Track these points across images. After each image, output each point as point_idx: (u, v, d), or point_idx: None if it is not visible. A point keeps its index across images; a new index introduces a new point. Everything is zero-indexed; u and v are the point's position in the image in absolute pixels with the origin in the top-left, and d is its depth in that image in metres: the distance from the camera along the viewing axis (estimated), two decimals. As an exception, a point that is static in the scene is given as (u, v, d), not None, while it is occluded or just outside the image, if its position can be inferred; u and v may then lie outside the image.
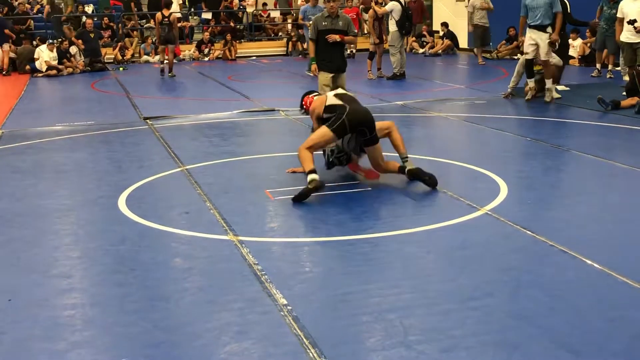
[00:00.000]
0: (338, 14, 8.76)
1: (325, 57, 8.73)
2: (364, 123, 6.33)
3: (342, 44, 8.80)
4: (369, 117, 6.38)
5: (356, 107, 6.39)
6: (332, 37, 8.59)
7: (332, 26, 8.64)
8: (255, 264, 4.63)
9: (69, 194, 6.65)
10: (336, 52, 8.76)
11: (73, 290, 4.38)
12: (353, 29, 8.88)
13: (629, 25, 10.79)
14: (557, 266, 4.51)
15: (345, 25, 8.72)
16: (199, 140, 9.06)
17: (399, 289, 4.21)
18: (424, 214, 5.80)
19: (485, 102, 11.52)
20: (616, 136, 8.80)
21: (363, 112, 6.40)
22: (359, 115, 6.32)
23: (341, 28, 8.68)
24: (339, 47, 8.79)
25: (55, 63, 17.55)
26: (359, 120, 6.30)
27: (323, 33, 8.64)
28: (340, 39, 8.65)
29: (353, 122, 6.25)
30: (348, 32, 8.75)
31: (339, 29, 8.66)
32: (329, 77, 8.72)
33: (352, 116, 6.24)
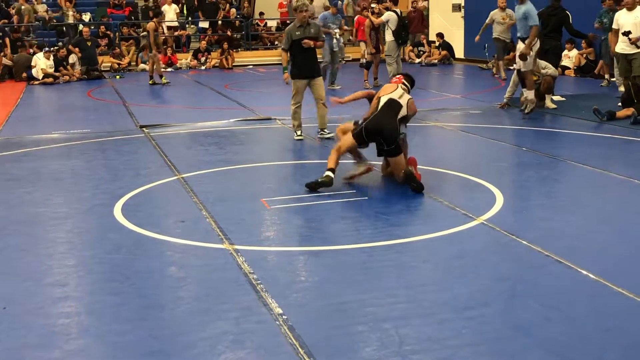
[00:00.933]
0: (309, 22, 9.29)
1: (300, 65, 9.20)
2: (378, 134, 6.62)
3: (314, 49, 9.26)
4: (384, 129, 6.63)
5: (378, 118, 6.73)
6: (307, 43, 9.07)
7: (305, 34, 9.14)
8: (250, 272, 4.63)
9: (64, 201, 6.64)
10: (310, 58, 9.25)
11: (68, 299, 4.36)
12: (322, 34, 9.70)
13: (623, 36, 10.83)
14: (553, 276, 4.51)
15: (316, 32, 9.30)
16: (195, 149, 9.06)
17: (394, 298, 4.21)
18: (420, 223, 5.81)
19: (481, 112, 11.54)
20: (612, 147, 8.82)
21: (380, 124, 6.67)
22: (375, 126, 6.65)
23: (313, 35, 9.20)
24: (312, 52, 9.28)
25: (51, 71, 17.55)
26: (374, 130, 6.63)
27: (297, 42, 9.13)
28: (314, 44, 9.16)
29: (369, 131, 6.67)
30: (318, 38, 9.35)
31: (311, 36, 9.17)
32: (304, 83, 9.22)
33: (370, 126, 6.66)
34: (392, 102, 6.83)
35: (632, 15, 10.84)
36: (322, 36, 9.57)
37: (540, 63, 11.66)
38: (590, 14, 14.81)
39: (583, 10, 15.98)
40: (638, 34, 10.73)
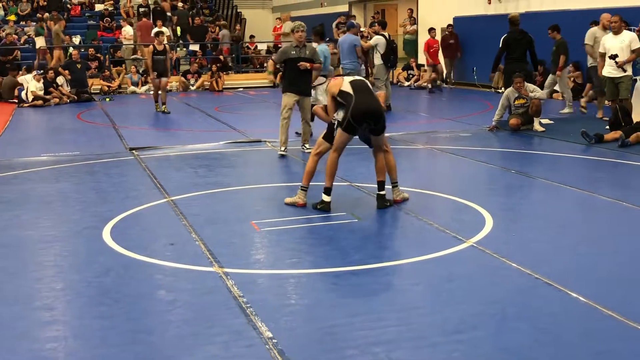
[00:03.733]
0: (305, 44, 9.62)
1: (293, 82, 9.63)
2: (367, 115, 6.56)
3: (309, 71, 9.62)
4: (372, 108, 6.60)
5: (361, 100, 6.55)
6: (304, 65, 9.45)
7: (300, 54, 9.53)
8: (240, 296, 4.60)
9: (53, 224, 6.60)
10: (303, 78, 9.66)
11: (56, 323, 4.33)
12: (318, 57, 9.84)
13: (610, 60, 10.94)
14: (543, 299, 4.51)
15: (311, 54, 9.66)
16: (185, 171, 9.04)
17: (385, 321, 4.20)
18: (410, 246, 5.80)
19: (470, 134, 11.60)
20: (600, 169, 8.87)
21: (366, 104, 6.58)
22: (362, 108, 6.53)
23: (308, 56, 9.57)
24: (307, 73, 9.65)
25: (41, 93, 17.54)
26: (362, 113, 6.53)
27: (292, 61, 9.52)
28: (310, 66, 9.51)
29: (357, 117, 6.51)
30: (314, 60, 9.64)
31: (306, 58, 9.53)
32: (294, 99, 9.62)
33: (355, 111, 6.50)
34: (358, 83, 6.74)
35: (618, 39, 10.96)
36: (318, 59, 9.80)
37: (529, 86, 11.77)
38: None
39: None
40: (624, 57, 10.85)
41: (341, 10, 26.24)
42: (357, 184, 7.83)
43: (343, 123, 6.60)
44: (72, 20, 24.89)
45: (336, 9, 26.48)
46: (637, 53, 11.08)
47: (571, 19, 16.41)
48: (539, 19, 17.46)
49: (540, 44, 17.12)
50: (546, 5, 17.45)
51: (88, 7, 25.94)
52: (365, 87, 6.74)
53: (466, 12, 19.90)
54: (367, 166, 9.53)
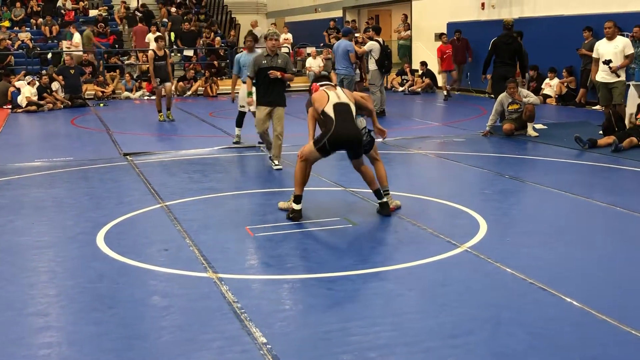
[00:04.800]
0: (277, 53, 9.16)
1: (264, 93, 9.13)
2: (345, 143, 6.58)
3: (282, 80, 9.12)
4: (351, 136, 6.55)
5: (341, 126, 6.48)
6: (274, 74, 8.93)
7: (272, 64, 9.02)
8: (234, 301, 4.60)
9: (47, 230, 6.59)
10: (275, 88, 9.11)
11: (49, 329, 4.31)
12: (291, 67, 9.32)
13: (604, 65, 10.98)
14: (537, 304, 4.52)
15: (283, 63, 9.12)
16: (179, 177, 9.03)
17: (379, 326, 4.19)
18: (404, 251, 5.80)
19: (464, 139, 11.62)
20: (594, 174, 8.90)
21: (346, 132, 6.52)
22: (341, 135, 6.49)
23: (280, 66, 9.05)
24: (279, 83, 9.13)
25: (35, 99, 17.51)
26: (341, 141, 6.54)
27: (263, 71, 9.02)
28: (280, 75, 8.98)
29: (334, 143, 6.52)
30: (287, 70, 9.12)
31: (278, 67, 9.02)
32: (266, 111, 9.11)
33: (333, 137, 6.47)
34: (341, 107, 6.60)
35: (611, 44, 11.00)
36: (291, 69, 9.30)
37: (522, 91, 11.81)
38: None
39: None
40: (618, 63, 10.90)
41: (335, 15, 26.30)
42: (351, 189, 7.83)
43: (318, 143, 6.53)
44: (66, 25, 24.83)
45: (330, 15, 26.54)
46: (630, 59, 11.14)
47: (564, 24, 16.50)
48: (532, 24, 17.56)
49: (534, 49, 17.28)
50: (539, 11, 17.53)
51: (82, 13, 25.91)
52: (347, 112, 6.60)
53: (460, 18, 19.97)
54: (361, 171, 9.55)
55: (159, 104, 14.73)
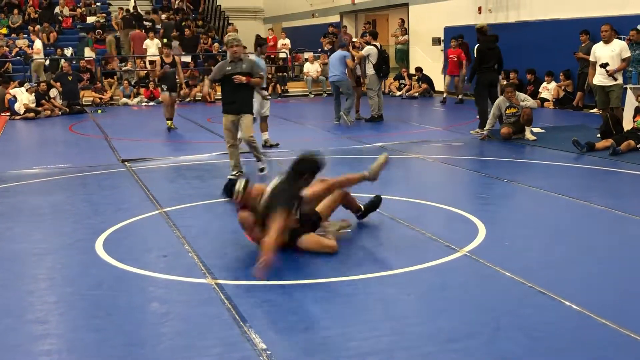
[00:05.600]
0: (241, 58, 8.87)
1: (229, 100, 8.84)
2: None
3: (248, 86, 8.82)
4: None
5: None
6: (239, 79, 8.62)
7: (236, 69, 8.71)
8: (234, 307, 4.59)
9: (45, 237, 6.58)
10: (241, 95, 8.81)
11: (49, 336, 4.30)
12: (258, 71, 8.99)
13: (601, 68, 11.00)
14: (536, 307, 4.52)
15: (249, 67, 8.79)
16: (177, 183, 9.03)
17: (379, 331, 4.19)
18: (403, 255, 5.80)
19: (462, 144, 11.63)
20: (592, 178, 8.90)
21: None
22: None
23: (245, 70, 8.73)
24: (245, 89, 8.82)
25: (33, 106, 17.51)
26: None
27: (228, 77, 8.72)
28: (246, 80, 8.67)
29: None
30: (253, 75, 8.80)
31: (243, 72, 8.70)
32: (232, 119, 8.85)
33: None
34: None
35: (608, 47, 11.03)
36: (258, 73, 8.95)
37: (520, 95, 11.83)
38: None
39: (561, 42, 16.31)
40: (615, 66, 10.92)
41: (332, 20, 26.37)
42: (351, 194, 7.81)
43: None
44: (64, 32, 24.90)
45: (327, 20, 26.61)
46: (627, 62, 11.17)
47: (561, 28, 16.54)
48: (529, 28, 17.61)
49: (531, 52, 17.32)
50: (536, 14, 17.57)
51: (79, 20, 25.95)
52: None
53: (457, 22, 20.01)
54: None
55: (167, 111, 14.28)
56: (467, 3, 19.82)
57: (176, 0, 28.82)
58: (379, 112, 14.76)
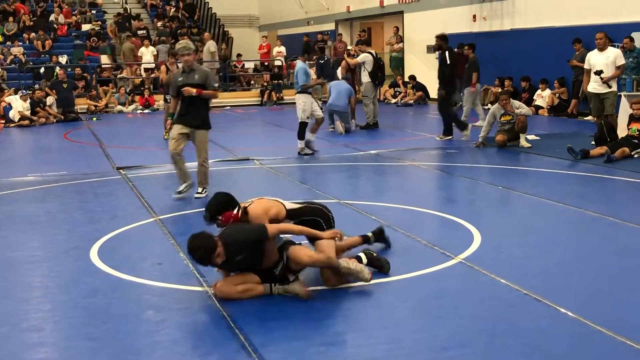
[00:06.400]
0: (194, 68, 8.19)
1: (182, 112, 8.19)
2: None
3: (203, 99, 8.20)
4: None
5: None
6: (188, 91, 7.97)
7: (188, 80, 8.06)
8: (229, 315, 4.58)
9: (40, 245, 6.57)
10: (194, 108, 8.14)
11: (43, 344, 4.29)
12: (212, 82, 8.35)
13: (595, 75, 11.04)
14: (532, 315, 4.52)
15: (202, 78, 8.12)
16: (172, 190, 9.01)
17: (374, 339, 4.19)
18: (399, 263, 5.79)
19: (457, 151, 11.65)
20: (586, 185, 8.92)
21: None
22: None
23: (197, 82, 8.06)
24: (199, 102, 8.17)
25: (28, 113, 17.49)
26: None
27: (179, 88, 8.07)
28: (197, 93, 7.99)
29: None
30: (206, 86, 8.14)
31: (195, 83, 8.04)
32: (182, 131, 8.17)
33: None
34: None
35: (603, 55, 11.07)
36: (212, 85, 8.26)
37: (514, 103, 11.86)
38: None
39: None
40: (609, 73, 10.96)
41: (328, 28, 26.42)
42: (345, 201, 7.83)
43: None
44: (59, 40, 24.88)
45: (323, 27, 26.66)
46: (621, 69, 11.21)
47: (555, 35, 16.60)
48: (523, 36, 17.68)
49: (526, 60, 17.38)
50: (530, 22, 17.64)
51: (75, 27, 25.95)
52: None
53: (452, 30, 20.01)
54: (354, 183, 9.57)
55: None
56: (462, 11, 19.89)
57: (171, 8, 28.85)
58: (374, 120, 14.78)
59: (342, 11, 26.06)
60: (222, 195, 5.19)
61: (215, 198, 5.20)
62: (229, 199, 5.14)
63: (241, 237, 4.88)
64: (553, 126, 14.68)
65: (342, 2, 25.95)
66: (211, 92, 8.30)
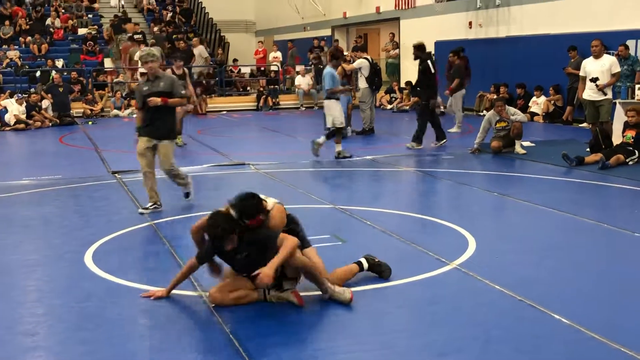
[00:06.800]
0: (159, 75, 7.73)
1: (147, 123, 7.78)
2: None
3: (169, 108, 7.78)
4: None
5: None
6: (153, 101, 7.56)
7: (153, 89, 7.65)
8: (223, 320, 4.58)
9: (35, 249, 6.55)
10: (160, 118, 7.71)
11: (38, 349, 4.28)
12: (179, 89, 7.83)
13: (591, 83, 11.08)
14: (527, 321, 4.53)
15: (168, 86, 7.68)
16: (168, 194, 8.99)
17: (368, 345, 4.19)
18: (393, 268, 5.78)
19: (452, 157, 11.66)
20: (581, 192, 8.94)
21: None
22: None
23: (163, 90, 7.64)
24: (165, 112, 7.74)
25: (23, 117, 17.47)
26: None
27: (144, 98, 7.66)
28: (163, 102, 7.60)
29: None
30: (173, 94, 7.71)
31: (161, 91, 7.63)
32: (147, 144, 7.75)
33: None
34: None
35: (598, 62, 11.11)
36: (179, 92, 7.79)
37: (510, 109, 11.89)
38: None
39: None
40: (605, 81, 11.00)
41: (324, 34, 26.47)
42: (340, 206, 7.84)
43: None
44: (55, 44, 24.89)
45: (319, 33, 26.70)
46: (617, 77, 11.25)
47: (550, 43, 16.66)
48: (519, 43, 17.73)
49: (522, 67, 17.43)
50: (526, 29, 17.70)
51: (71, 31, 25.95)
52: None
53: (448, 37, 20.11)
54: (349, 187, 9.58)
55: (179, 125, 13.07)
56: (458, 18, 19.95)
57: (168, 13, 28.87)
58: (370, 125, 14.80)
59: (339, 17, 26.12)
60: (255, 199, 4.92)
61: (248, 201, 4.90)
62: (260, 203, 4.93)
63: (259, 238, 4.83)
64: (548, 133, 14.71)
65: (339, 8, 26.01)
66: (178, 100, 7.84)
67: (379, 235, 6.66)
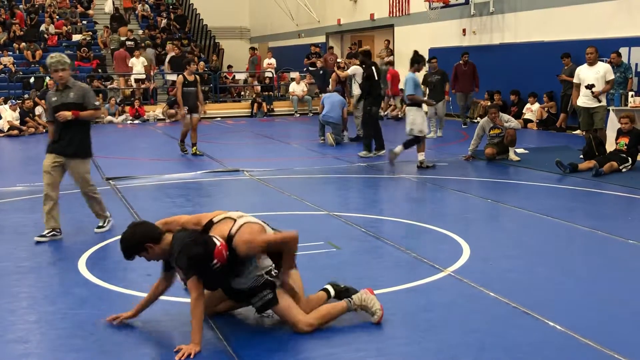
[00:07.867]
0: (69, 85, 7.01)
1: (57, 138, 7.07)
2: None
3: (80, 122, 7.04)
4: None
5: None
6: (62, 115, 6.87)
7: (63, 100, 6.96)
8: (218, 327, 4.56)
9: (27, 255, 6.52)
10: (69, 131, 7.02)
11: (30, 356, 4.26)
12: (91, 101, 7.09)
13: (586, 90, 11.11)
14: (521, 328, 4.52)
15: (79, 97, 6.97)
16: (162, 201, 9.00)
17: (363, 352, 4.18)
18: (388, 275, 5.79)
19: (446, 164, 11.68)
20: (575, 199, 8.96)
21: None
22: None
23: (73, 101, 6.95)
24: (75, 125, 7.01)
25: (17, 123, 17.43)
26: None
27: (56, 110, 6.97)
28: (73, 115, 6.91)
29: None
30: (85, 105, 7.00)
31: (71, 102, 6.95)
32: (55, 161, 7.12)
33: None
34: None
35: (593, 70, 11.16)
36: (92, 103, 7.06)
37: (503, 116, 11.92)
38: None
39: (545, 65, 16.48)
40: (599, 88, 11.04)
41: (318, 41, 26.49)
42: (335, 213, 7.83)
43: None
44: (49, 50, 24.80)
45: (314, 40, 26.73)
46: (611, 84, 11.30)
47: (544, 50, 16.72)
48: (513, 50, 17.79)
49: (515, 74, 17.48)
50: (520, 37, 17.77)
51: (65, 37, 25.93)
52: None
53: (442, 44, 20.17)
54: (344, 195, 9.57)
55: (185, 134, 13.10)
56: (452, 25, 20.01)
57: (162, 19, 28.88)
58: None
59: (333, 24, 26.17)
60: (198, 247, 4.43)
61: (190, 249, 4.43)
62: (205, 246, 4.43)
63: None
64: (542, 140, 14.75)
65: (333, 15, 26.06)
66: (90, 113, 7.07)
67: (373, 242, 6.66)
